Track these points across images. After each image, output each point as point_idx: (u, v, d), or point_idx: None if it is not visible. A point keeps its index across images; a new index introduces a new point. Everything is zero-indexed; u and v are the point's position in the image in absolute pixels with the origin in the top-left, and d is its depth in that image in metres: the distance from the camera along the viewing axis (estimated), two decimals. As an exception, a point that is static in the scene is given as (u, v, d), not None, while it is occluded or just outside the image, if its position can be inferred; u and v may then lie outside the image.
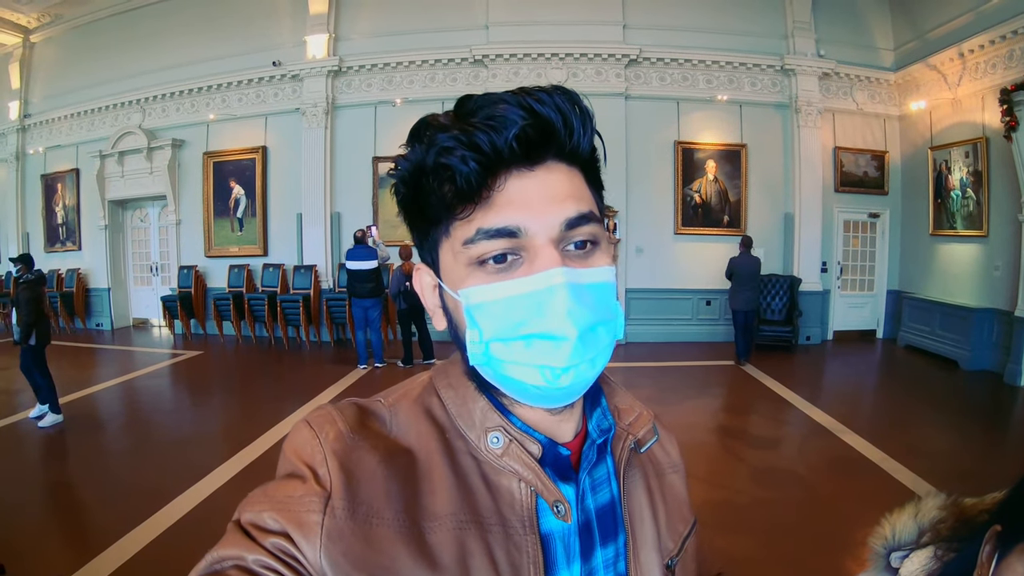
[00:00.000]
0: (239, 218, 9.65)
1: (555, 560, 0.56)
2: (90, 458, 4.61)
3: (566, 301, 0.50)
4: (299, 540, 0.48)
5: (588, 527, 0.59)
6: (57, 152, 10.97)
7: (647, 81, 8.76)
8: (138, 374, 7.39)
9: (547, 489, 0.55)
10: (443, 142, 0.49)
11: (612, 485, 0.62)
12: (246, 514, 0.51)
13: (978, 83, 7.49)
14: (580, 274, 0.52)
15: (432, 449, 0.56)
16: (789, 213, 8.91)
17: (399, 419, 0.58)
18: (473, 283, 0.52)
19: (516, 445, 0.56)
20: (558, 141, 0.52)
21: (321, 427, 0.55)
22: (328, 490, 0.50)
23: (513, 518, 0.54)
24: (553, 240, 0.51)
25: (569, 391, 0.54)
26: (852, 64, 8.92)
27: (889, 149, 9.19)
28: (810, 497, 3.84)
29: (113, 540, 3.18)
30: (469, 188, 0.50)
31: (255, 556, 0.47)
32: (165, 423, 5.65)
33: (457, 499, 0.54)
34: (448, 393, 0.60)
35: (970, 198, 7.74)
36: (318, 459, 0.52)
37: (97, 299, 10.77)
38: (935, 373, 7.34)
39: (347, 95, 9.07)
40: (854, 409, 5.89)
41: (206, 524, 3.38)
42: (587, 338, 0.51)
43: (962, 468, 4.21)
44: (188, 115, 9.82)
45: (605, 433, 0.63)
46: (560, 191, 0.52)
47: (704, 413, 5.58)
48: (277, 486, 0.52)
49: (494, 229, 0.50)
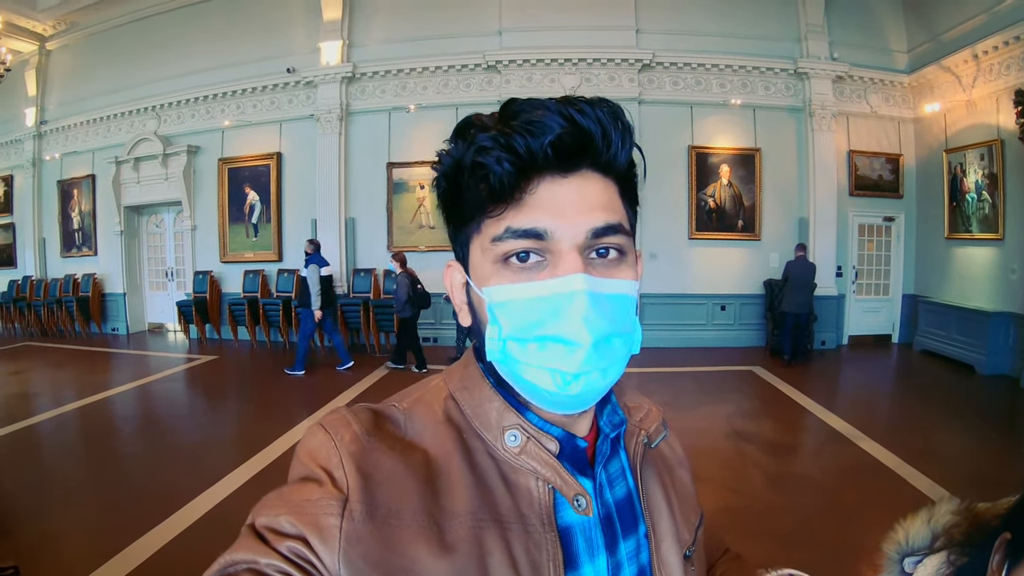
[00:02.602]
0: (254, 224, 9.71)
1: (577, 554, 0.56)
2: (105, 461, 4.64)
3: (584, 308, 0.51)
4: (316, 544, 0.48)
5: (610, 520, 0.60)
6: (73, 158, 11.07)
7: (660, 86, 8.76)
8: (153, 378, 7.45)
9: (567, 484, 0.56)
10: (481, 141, 0.51)
11: (628, 479, 0.64)
12: (261, 518, 0.51)
13: (993, 85, 7.45)
14: (601, 283, 0.53)
15: (449, 449, 0.56)
16: (804, 217, 8.88)
17: (414, 422, 0.58)
18: (497, 282, 0.54)
19: (534, 442, 0.57)
20: (594, 152, 0.53)
21: (336, 430, 0.55)
22: (346, 493, 0.50)
23: (532, 516, 0.55)
24: (578, 247, 0.52)
25: (579, 399, 0.54)
26: (866, 67, 8.88)
27: (904, 152, 9.14)
28: (826, 503, 3.83)
29: (126, 544, 3.20)
30: (502, 188, 0.51)
31: (268, 560, 0.47)
32: (179, 427, 5.69)
33: (476, 498, 0.54)
34: (463, 395, 0.61)
35: (985, 201, 7.70)
36: (334, 462, 0.52)
37: (113, 304, 10.86)
38: (951, 378, 7.30)
39: (361, 101, 9.11)
40: (870, 414, 5.86)
41: (219, 529, 3.38)
42: (601, 347, 0.52)
43: (979, 474, 4.18)
44: (203, 122, 9.90)
45: (617, 428, 0.64)
46: (591, 200, 0.53)
47: (719, 419, 5.55)
48: (292, 490, 0.52)
49: (522, 229, 0.52)
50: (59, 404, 6.15)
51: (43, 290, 11.00)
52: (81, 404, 5.95)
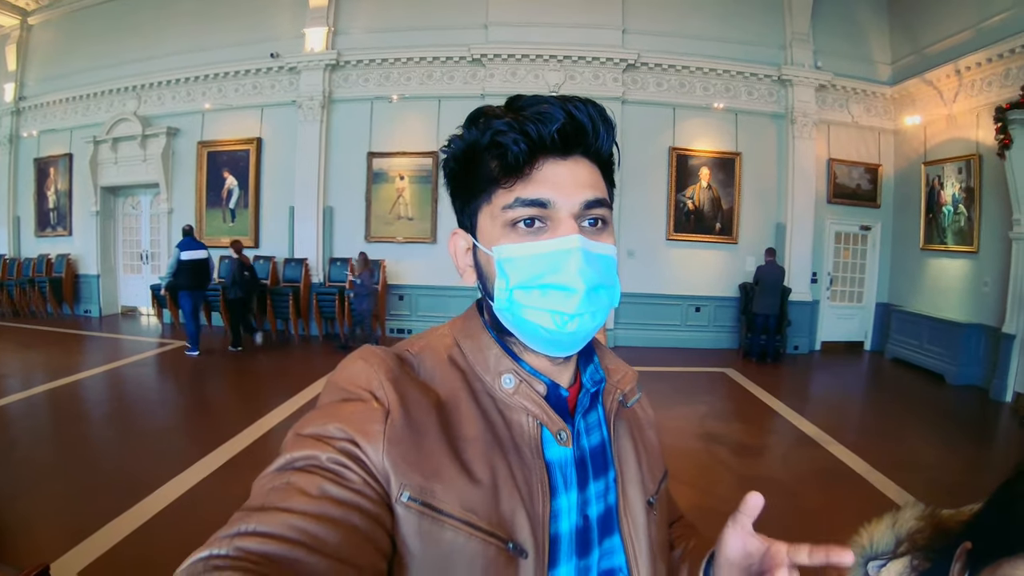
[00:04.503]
0: (231, 209, 9.60)
1: (556, 485, 0.66)
2: (74, 445, 4.55)
3: (579, 262, 0.63)
4: (364, 445, 0.58)
5: (583, 461, 0.70)
6: (51, 136, 10.89)
7: (644, 86, 8.77)
8: (125, 362, 7.33)
9: (552, 420, 0.67)
10: (499, 126, 0.63)
11: (603, 430, 0.74)
12: (309, 428, 0.59)
13: (974, 100, 7.52)
14: (592, 244, 0.65)
15: (456, 388, 0.67)
16: (781, 223, 8.93)
17: (425, 365, 0.69)
18: (506, 242, 0.65)
19: (526, 384, 0.68)
20: (586, 141, 0.66)
21: (372, 361, 0.66)
22: (387, 407, 0.61)
23: (524, 446, 0.65)
24: (574, 215, 0.64)
25: (574, 337, 0.66)
26: (849, 77, 8.95)
27: (883, 162, 9.22)
28: (795, 507, 3.83)
29: (95, 528, 3.16)
30: (516, 164, 0.63)
31: (328, 455, 0.56)
32: (150, 412, 5.60)
33: (482, 428, 0.65)
34: (467, 343, 0.72)
35: (962, 214, 7.77)
36: (375, 384, 0.63)
37: (86, 285, 10.69)
38: (922, 387, 7.36)
39: (344, 89, 9.04)
40: (841, 420, 5.90)
41: (191, 513, 3.36)
42: (592, 294, 0.64)
43: (947, 482, 4.22)
44: (184, 103, 9.77)
45: (597, 384, 0.75)
46: (584, 179, 0.66)
47: (692, 420, 5.56)
48: (336, 407, 0.62)
49: (530, 199, 0.63)
50: (28, 386, 6.02)
51: (16, 269, 10.79)
52: (51, 386, 5.84)
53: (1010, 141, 6.59)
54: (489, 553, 0.59)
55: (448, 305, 8.81)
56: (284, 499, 0.53)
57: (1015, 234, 6.75)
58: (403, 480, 0.58)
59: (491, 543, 0.59)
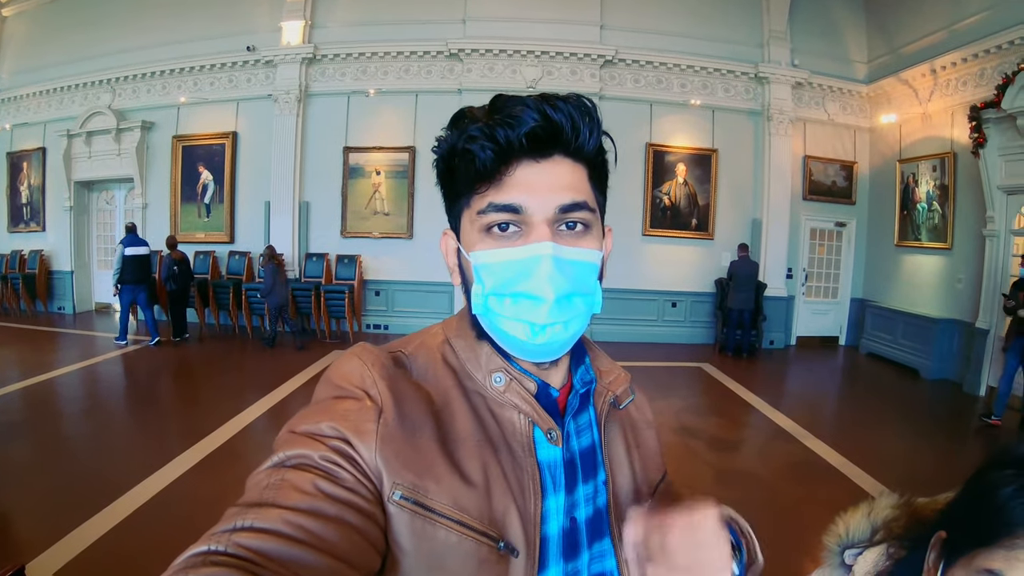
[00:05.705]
0: (207, 204, 9.49)
1: (546, 486, 0.65)
2: (49, 443, 4.48)
3: (549, 269, 0.61)
4: (356, 444, 0.58)
5: (572, 463, 0.69)
6: (24, 130, 10.70)
7: (621, 82, 8.78)
8: (99, 359, 7.23)
9: (542, 419, 0.67)
10: (470, 131, 0.61)
11: (594, 432, 0.73)
12: (302, 426, 0.59)
13: (948, 99, 7.60)
14: (566, 251, 0.63)
15: (449, 386, 0.67)
16: (757, 219, 8.98)
17: (419, 364, 0.69)
18: (482, 247, 0.64)
19: (516, 383, 0.68)
20: (564, 141, 0.63)
21: (367, 358, 0.65)
22: (380, 406, 0.60)
23: (515, 444, 0.65)
24: (548, 220, 0.62)
25: (546, 348, 0.65)
26: (825, 75, 9.03)
27: (858, 160, 9.30)
28: (770, 498, 3.87)
29: (71, 528, 3.12)
30: (485, 170, 0.62)
31: (321, 453, 0.56)
32: (124, 411, 5.54)
33: (474, 426, 0.65)
34: (459, 342, 0.71)
35: (936, 211, 7.85)
36: (368, 382, 0.62)
37: (60, 282, 10.52)
38: (896, 381, 7.44)
39: (320, 83, 8.98)
40: (816, 414, 5.95)
41: (164, 513, 3.33)
42: (563, 303, 0.62)
43: (922, 475, 4.25)
44: (159, 97, 9.64)
45: (587, 385, 0.74)
46: (561, 181, 0.63)
47: (668, 414, 5.57)
48: (329, 404, 0.61)
49: (501, 204, 0.62)
50: (2, 384, 5.90)
51: (-12, 266, 10.62)
52: (25, 384, 5.75)
53: (984, 140, 6.68)
54: (481, 552, 0.59)
55: (426, 300, 8.77)
56: (280, 496, 0.53)
57: (988, 231, 6.84)
58: (395, 479, 0.58)
59: (483, 543, 0.59)
